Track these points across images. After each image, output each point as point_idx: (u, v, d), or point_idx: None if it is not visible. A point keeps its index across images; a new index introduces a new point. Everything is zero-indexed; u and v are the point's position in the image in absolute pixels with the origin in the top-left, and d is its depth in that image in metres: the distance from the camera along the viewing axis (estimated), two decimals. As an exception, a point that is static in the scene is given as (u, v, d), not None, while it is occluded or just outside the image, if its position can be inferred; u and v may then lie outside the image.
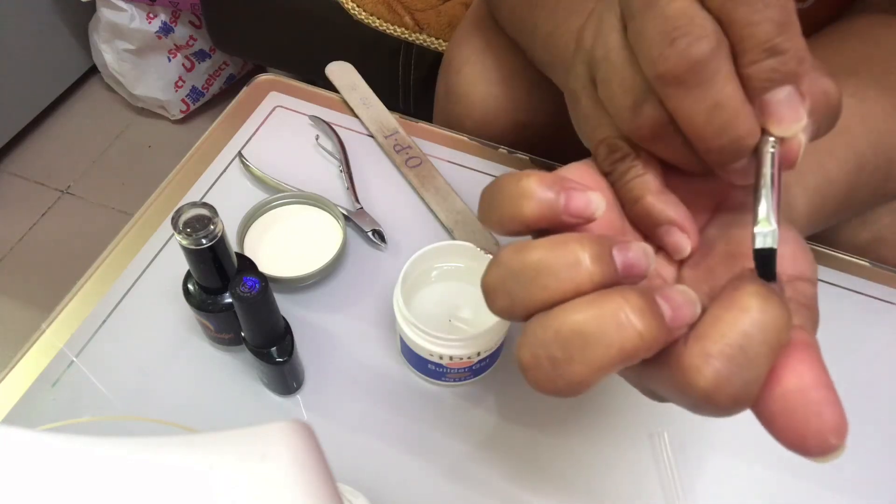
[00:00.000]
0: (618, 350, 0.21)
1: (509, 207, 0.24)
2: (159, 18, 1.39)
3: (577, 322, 0.21)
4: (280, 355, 0.42)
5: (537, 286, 0.22)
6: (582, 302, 0.22)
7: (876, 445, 0.45)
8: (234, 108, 0.61)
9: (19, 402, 0.45)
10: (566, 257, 0.22)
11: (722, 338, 0.21)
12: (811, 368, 0.22)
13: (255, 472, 0.24)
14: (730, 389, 0.21)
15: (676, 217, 0.27)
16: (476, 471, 0.43)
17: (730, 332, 0.21)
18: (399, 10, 0.96)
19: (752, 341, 0.21)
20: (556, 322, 0.22)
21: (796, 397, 0.21)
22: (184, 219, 0.38)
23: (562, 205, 0.24)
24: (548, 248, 0.23)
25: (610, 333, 0.21)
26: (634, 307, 0.21)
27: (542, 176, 0.24)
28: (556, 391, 0.22)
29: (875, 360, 0.48)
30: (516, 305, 0.23)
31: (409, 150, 0.58)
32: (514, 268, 0.23)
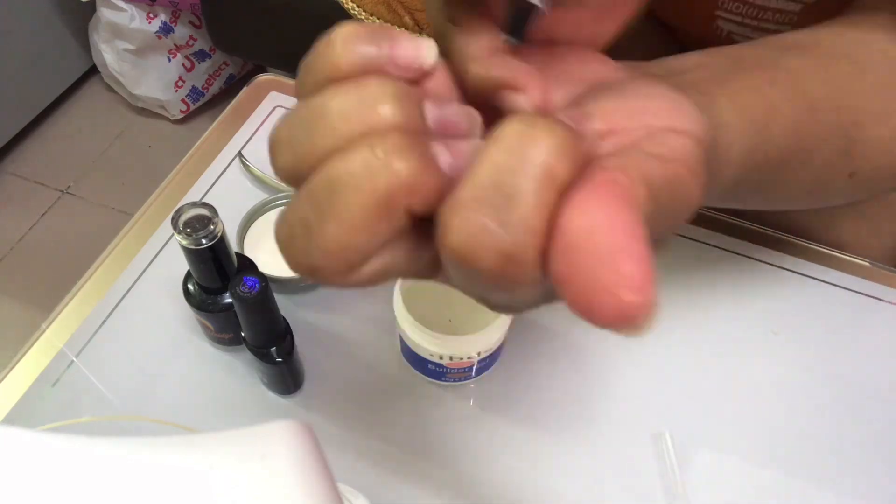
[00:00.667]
0: (370, 195, 0.17)
1: (321, 68, 0.19)
2: (159, 18, 1.39)
3: (325, 173, 0.18)
4: (280, 355, 0.42)
5: (323, 131, 0.18)
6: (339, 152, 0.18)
7: (875, 445, 0.45)
8: (234, 108, 0.61)
9: (19, 402, 0.45)
10: (360, 97, 0.18)
11: (472, 178, 0.17)
12: (606, 208, 0.16)
13: (255, 472, 0.24)
14: (489, 240, 0.16)
15: (504, 75, 0.21)
16: (476, 471, 0.43)
17: (482, 171, 0.17)
18: (399, 11, 0.96)
19: (507, 174, 0.16)
20: (311, 180, 0.18)
21: (581, 243, 0.16)
22: (184, 219, 0.38)
23: (385, 55, 0.19)
24: (341, 88, 0.18)
25: (359, 176, 0.17)
26: (391, 144, 0.17)
27: (358, 25, 0.20)
28: (316, 268, 0.19)
29: (874, 360, 0.48)
30: (300, 159, 0.19)
31: (409, 150, 0.58)
32: (303, 115, 0.19)
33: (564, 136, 0.17)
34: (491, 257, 0.16)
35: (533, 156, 0.16)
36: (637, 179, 0.18)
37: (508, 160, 0.16)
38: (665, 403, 0.46)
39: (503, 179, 0.16)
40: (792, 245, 0.53)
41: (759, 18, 0.49)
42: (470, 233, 0.16)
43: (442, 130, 0.19)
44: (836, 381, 0.47)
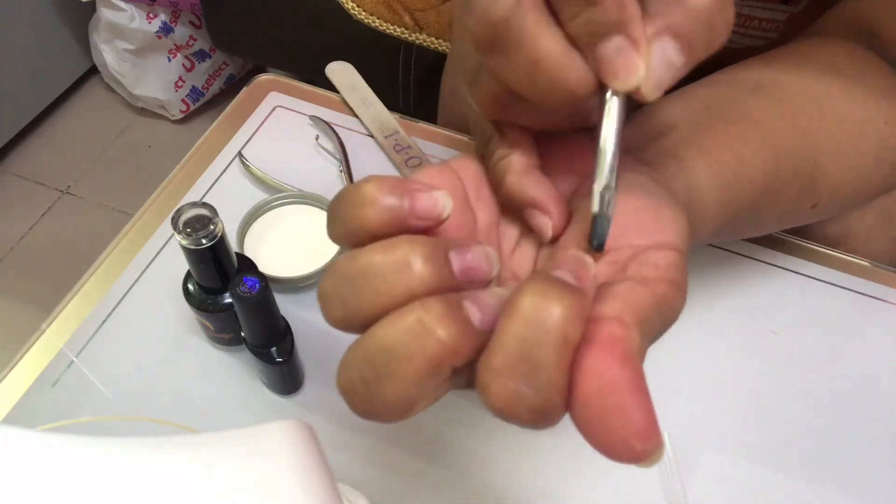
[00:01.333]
0: (421, 361, 0.20)
1: (352, 218, 0.23)
2: (159, 18, 1.39)
3: (380, 338, 0.21)
4: (280, 355, 0.42)
5: (369, 292, 0.21)
6: (388, 317, 0.21)
7: (876, 445, 0.45)
8: (234, 108, 0.61)
9: (19, 402, 0.45)
10: (395, 259, 0.21)
11: (502, 349, 0.20)
12: (610, 370, 0.20)
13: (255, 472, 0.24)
14: (524, 403, 0.20)
15: (537, 197, 0.26)
16: (477, 471, 0.43)
17: (509, 341, 0.19)
18: (399, 10, 0.96)
19: (531, 346, 0.19)
20: (366, 340, 0.21)
21: (595, 401, 0.20)
22: (184, 219, 0.38)
23: (406, 208, 0.23)
24: (378, 251, 0.21)
25: (410, 345, 0.20)
26: (434, 314, 0.20)
27: (382, 180, 0.23)
28: (376, 414, 0.22)
29: (874, 360, 0.48)
30: (351, 314, 0.22)
31: (409, 150, 0.58)
32: (347, 273, 0.22)
33: (572, 302, 0.20)
34: (527, 414, 0.20)
35: (550, 326, 0.19)
36: (632, 324, 0.21)
37: (529, 333, 0.19)
38: (664, 403, 0.46)
39: (528, 350, 0.19)
40: (792, 245, 0.53)
41: (746, 27, 0.50)
42: (507, 396, 0.20)
43: (467, 276, 0.22)
44: (836, 381, 0.47)
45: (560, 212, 0.26)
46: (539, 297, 0.20)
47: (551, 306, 0.19)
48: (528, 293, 0.20)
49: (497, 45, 0.22)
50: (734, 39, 0.52)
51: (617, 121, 0.23)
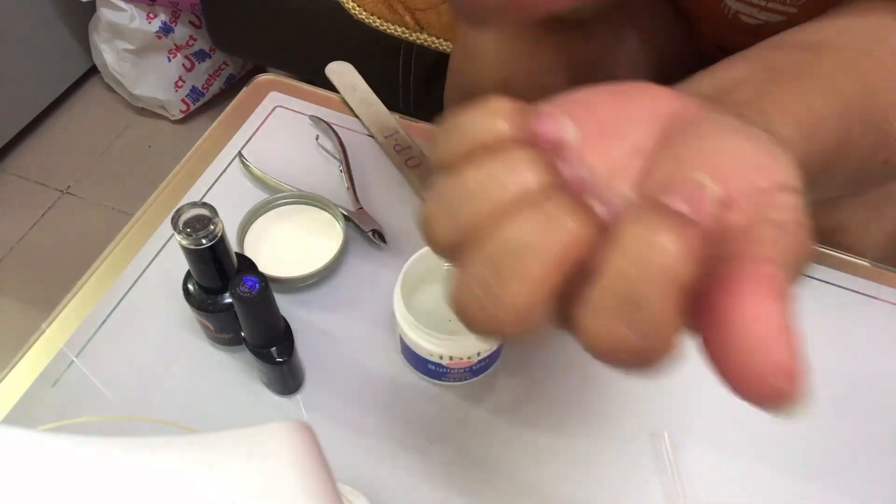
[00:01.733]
0: (551, 254, 0.19)
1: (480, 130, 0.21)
2: (159, 18, 1.39)
3: (505, 238, 0.19)
4: (280, 355, 0.42)
5: (484, 200, 0.20)
6: (511, 216, 0.20)
7: (876, 445, 0.45)
8: (234, 108, 0.61)
9: (19, 402, 0.45)
10: (507, 164, 0.20)
11: (603, 286, 0.18)
12: (761, 303, 0.19)
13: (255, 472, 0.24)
14: (626, 346, 0.19)
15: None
16: (476, 471, 0.43)
17: (611, 278, 0.18)
18: (399, 10, 0.96)
19: (635, 285, 0.18)
20: (488, 244, 0.20)
21: (739, 333, 0.19)
22: (184, 219, 0.38)
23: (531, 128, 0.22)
24: (487, 160, 0.20)
25: (539, 238, 0.19)
26: (561, 206, 0.19)
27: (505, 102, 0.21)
28: (499, 322, 0.20)
29: (874, 360, 0.48)
30: (464, 228, 0.20)
31: (409, 150, 0.58)
32: (457, 187, 0.21)
33: (683, 236, 0.18)
34: (629, 358, 0.19)
35: (656, 264, 0.18)
36: (781, 267, 0.20)
37: (633, 270, 0.18)
38: (663, 403, 0.46)
39: (631, 290, 0.18)
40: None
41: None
42: (608, 338, 0.19)
43: (575, 188, 0.21)
44: (835, 380, 0.47)
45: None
46: (644, 229, 0.18)
47: (659, 240, 0.18)
48: (632, 223, 0.18)
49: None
50: (753, 14, 0.51)
51: None
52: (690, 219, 0.19)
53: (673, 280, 0.18)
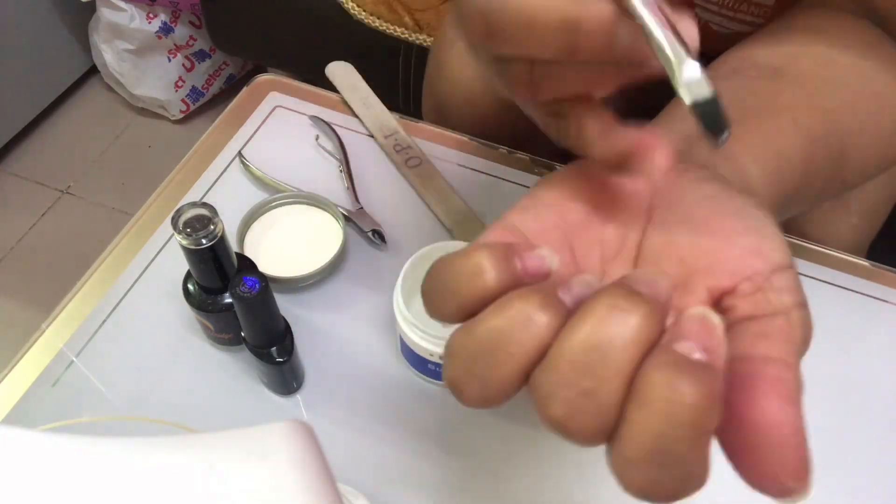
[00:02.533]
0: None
1: (467, 291, 0.23)
2: (159, 18, 1.39)
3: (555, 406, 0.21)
4: (280, 355, 0.42)
5: (504, 358, 0.21)
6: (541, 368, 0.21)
7: (874, 445, 0.45)
8: (233, 108, 0.61)
9: (19, 402, 0.45)
10: (518, 317, 0.21)
11: (635, 440, 0.19)
12: (778, 406, 0.20)
13: (255, 472, 0.24)
14: (662, 489, 0.20)
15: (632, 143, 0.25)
16: (476, 471, 0.43)
17: (641, 434, 0.19)
18: (399, 10, 0.96)
19: (666, 440, 0.19)
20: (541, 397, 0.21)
21: (757, 437, 0.20)
22: (184, 219, 0.38)
23: (519, 271, 0.23)
24: (497, 315, 0.21)
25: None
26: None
27: (490, 249, 0.23)
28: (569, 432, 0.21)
29: (873, 360, 0.48)
30: (492, 387, 0.22)
31: (409, 150, 0.58)
32: (474, 348, 0.22)
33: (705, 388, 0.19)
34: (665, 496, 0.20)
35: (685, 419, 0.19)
36: (795, 366, 0.22)
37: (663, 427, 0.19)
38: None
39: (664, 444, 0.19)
40: (791, 245, 0.53)
41: (736, 10, 0.50)
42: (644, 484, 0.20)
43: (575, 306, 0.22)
44: (835, 380, 0.47)
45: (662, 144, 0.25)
46: (667, 388, 0.19)
47: (684, 396, 0.19)
48: (654, 381, 0.19)
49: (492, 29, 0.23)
50: (722, 24, 0.52)
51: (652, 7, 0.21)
52: (709, 365, 0.19)
53: (702, 429, 0.19)
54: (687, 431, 0.19)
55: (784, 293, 0.23)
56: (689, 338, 0.20)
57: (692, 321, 0.20)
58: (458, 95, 0.62)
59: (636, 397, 0.19)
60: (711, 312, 0.21)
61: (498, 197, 0.56)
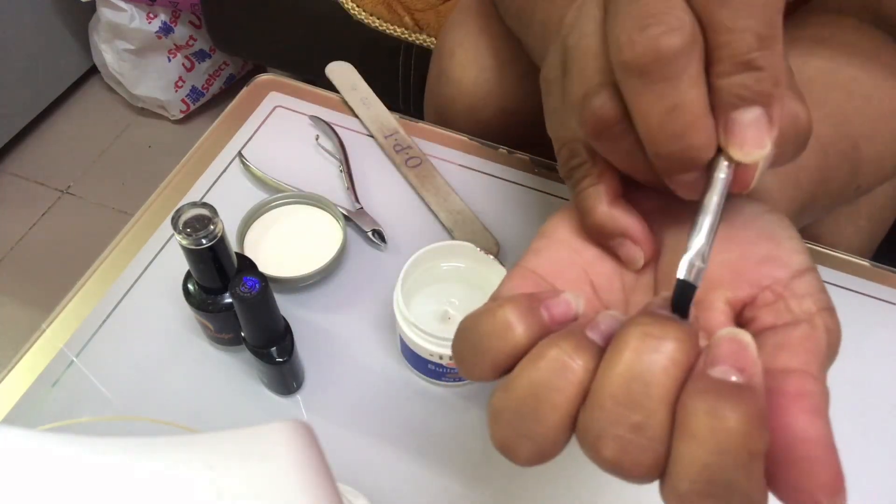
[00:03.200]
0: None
1: (498, 348, 0.23)
2: (159, 18, 1.39)
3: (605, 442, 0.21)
4: (280, 355, 0.42)
5: (549, 410, 0.21)
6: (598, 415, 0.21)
7: (876, 446, 0.45)
8: (233, 108, 0.61)
9: (19, 402, 0.45)
10: (554, 366, 0.21)
11: (686, 475, 0.19)
12: (804, 421, 0.20)
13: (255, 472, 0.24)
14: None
15: (628, 228, 0.26)
16: (476, 471, 0.43)
17: (691, 468, 0.19)
18: (399, 10, 0.96)
19: (717, 471, 0.19)
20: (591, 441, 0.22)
21: (786, 455, 0.20)
22: (184, 219, 0.38)
23: (546, 321, 0.23)
24: (534, 368, 0.21)
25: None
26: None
27: (514, 303, 0.23)
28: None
29: (875, 360, 0.48)
30: (544, 441, 0.22)
31: (409, 150, 0.58)
32: (518, 406, 0.22)
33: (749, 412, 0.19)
34: None
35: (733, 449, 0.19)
36: (819, 376, 0.22)
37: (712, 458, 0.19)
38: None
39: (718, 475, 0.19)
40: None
41: None
42: None
43: (606, 342, 0.22)
44: (835, 380, 0.46)
45: (650, 241, 0.26)
46: (709, 417, 0.19)
47: (726, 423, 0.18)
48: (695, 411, 0.19)
49: (648, 73, 0.21)
50: None
51: (722, 191, 0.22)
52: (747, 386, 0.19)
53: (751, 452, 0.19)
54: (736, 458, 0.18)
55: (806, 299, 0.23)
56: (723, 361, 0.20)
57: (723, 343, 0.20)
58: (459, 103, 0.62)
59: (680, 431, 0.19)
60: (741, 331, 0.20)
61: (498, 197, 0.56)
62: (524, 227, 0.54)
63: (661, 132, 0.22)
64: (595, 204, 0.26)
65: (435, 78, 0.66)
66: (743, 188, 0.23)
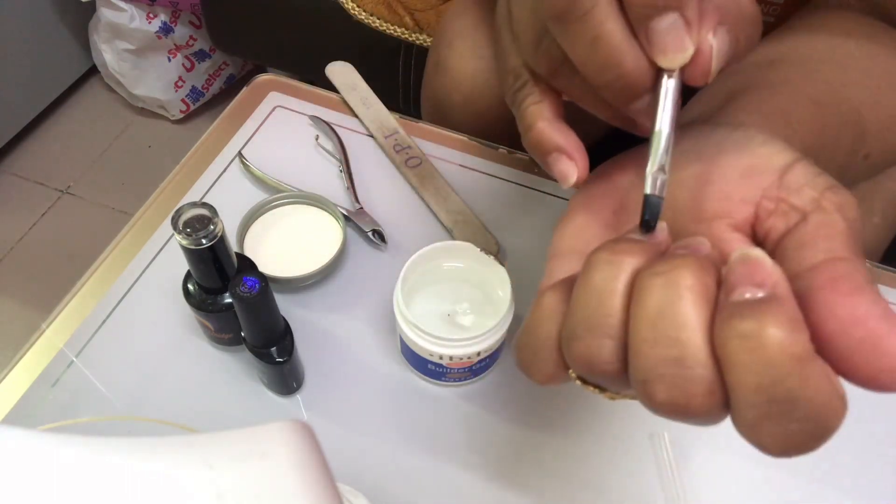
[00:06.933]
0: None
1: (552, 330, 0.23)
2: (159, 18, 1.39)
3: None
4: (280, 355, 0.42)
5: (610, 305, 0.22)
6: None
7: (876, 445, 0.45)
8: (233, 108, 0.61)
9: (19, 402, 0.45)
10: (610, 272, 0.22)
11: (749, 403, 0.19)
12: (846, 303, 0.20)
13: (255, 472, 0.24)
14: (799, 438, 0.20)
15: (564, 144, 0.27)
16: (476, 471, 0.43)
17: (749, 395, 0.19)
18: (399, 10, 0.96)
19: (774, 391, 0.19)
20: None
21: (843, 341, 0.19)
22: (184, 219, 0.38)
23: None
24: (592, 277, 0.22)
25: None
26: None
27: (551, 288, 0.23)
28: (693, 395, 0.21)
29: (875, 360, 0.48)
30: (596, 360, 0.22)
31: (409, 150, 0.58)
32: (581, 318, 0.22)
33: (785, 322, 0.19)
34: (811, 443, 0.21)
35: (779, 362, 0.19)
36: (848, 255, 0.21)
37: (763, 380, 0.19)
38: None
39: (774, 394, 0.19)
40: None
41: None
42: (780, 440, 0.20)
43: None
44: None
45: (583, 158, 0.27)
46: (745, 340, 0.19)
47: (763, 340, 0.18)
48: (730, 339, 0.19)
49: (564, 17, 0.23)
50: None
51: (671, 104, 0.24)
52: (772, 296, 0.19)
53: (801, 357, 0.18)
54: (783, 368, 0.18)
55: (804, 189, 0.23)
56: (740, 284, 0.20)
57: (736, 267, 0.20)
58: (457, 93, 0.62)
59: (724, 364, 0.19)
60: (750, 249, 0.20)
61: (498, 197, 0.56)
62: (524, 227, 0.54)
63: (591, 66, 0.24)
64: (535, 120, 0.28)
65: (432, 68, 0.66)
66: (702, 76, 0.23)
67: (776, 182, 0.24)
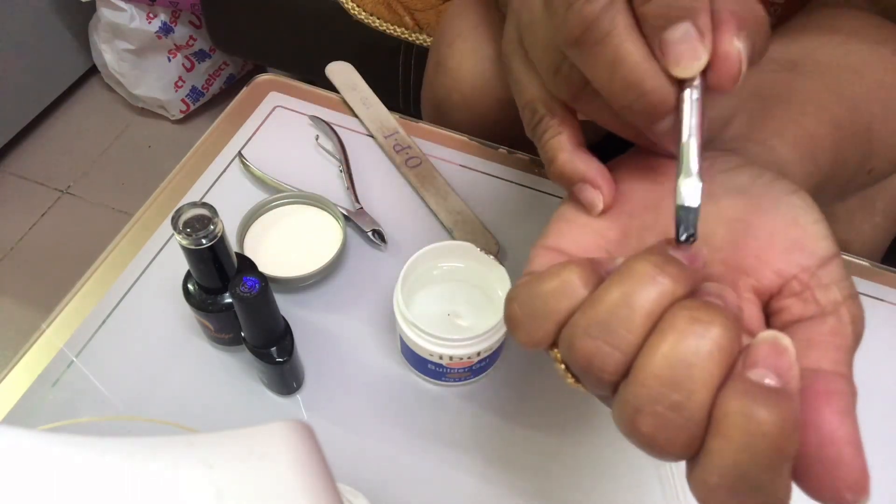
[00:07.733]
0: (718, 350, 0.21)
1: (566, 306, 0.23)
2: (159, 18, 1.39)
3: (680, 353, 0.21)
4: (280, 355, 0.42)
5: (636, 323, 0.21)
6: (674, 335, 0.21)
7: (876, 446, 0.45)
8: (233, 108, 0.61)
9: (19, 402, 0.45)
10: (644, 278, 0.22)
11: (716, 470, 0.20)
12: (832, 421, 0.21)
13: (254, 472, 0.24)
14: None
15: (587, 173, 0.27)
16: (476, 471, 0.43)
17: (721, 465, 0.19)
18: (399, 10, 0.96)
19: (748, 467, 0.19)
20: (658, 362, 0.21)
21: (814, 453, 0.20)
22: (184, 219, 0.38)
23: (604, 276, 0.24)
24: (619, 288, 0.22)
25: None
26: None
27: (577, 264, 0.23)
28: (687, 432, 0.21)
29: (875, 361, 0.48)
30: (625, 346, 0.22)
31: (409, 150, 0.58)
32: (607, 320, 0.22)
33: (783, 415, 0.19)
34: None
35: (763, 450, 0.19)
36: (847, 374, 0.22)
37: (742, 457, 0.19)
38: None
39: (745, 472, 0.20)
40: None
41: None
42: None
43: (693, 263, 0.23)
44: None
45: (609, 186, 0.28)
46: (743, 418, 0.19)
47: (759, 426, 0.19)
48: (730, 411, 0.19)
49: (583, 42, 0.23)
50: None
51: (697, 113, 0.23)
52: (783, 390, 0.20)
53: (781, 456, 0.19)
54: (766, 459, 0.19)
55: (832, 289, 0.23)
56: (761, 364, 0.20)
57: (763, 346, 0.20)
58: (457, 93, 0.62)
59: (715, 427, 0.20)
60: (781, 335, 0.21)
61: (498, 197, 0.56)
62: (524, 227, 0.54)
63: (612, 88, 0.24)
64: (556, 153, 0.28)
65: (433, 68, 0.66)
66: (729, 81, 0.23)
67: (812, 269, 0.24)
